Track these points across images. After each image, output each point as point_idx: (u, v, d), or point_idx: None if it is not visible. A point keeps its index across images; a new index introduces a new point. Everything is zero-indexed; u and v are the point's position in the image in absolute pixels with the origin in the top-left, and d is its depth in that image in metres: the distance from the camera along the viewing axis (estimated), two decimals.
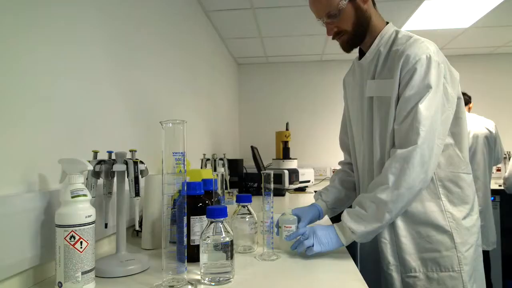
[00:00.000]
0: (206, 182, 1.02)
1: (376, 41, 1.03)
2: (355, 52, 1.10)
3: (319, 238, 0.90)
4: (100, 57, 1.08)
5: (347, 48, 1.06)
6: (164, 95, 1.63)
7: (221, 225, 0.76)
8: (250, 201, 1.01)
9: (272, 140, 3.36)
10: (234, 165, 2.36)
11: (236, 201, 1.01)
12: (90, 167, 0.73)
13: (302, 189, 2.68)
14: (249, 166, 2.55)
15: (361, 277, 0.76)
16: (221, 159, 1.73)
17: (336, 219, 1.14)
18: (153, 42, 1.51)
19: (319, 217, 1.14)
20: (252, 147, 2.42)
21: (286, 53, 3.50)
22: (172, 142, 0.71)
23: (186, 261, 0.72)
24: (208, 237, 0.75)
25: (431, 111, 0.90)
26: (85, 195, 0.72)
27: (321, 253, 0.89)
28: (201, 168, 1.80)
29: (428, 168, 0.89)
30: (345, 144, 1.28)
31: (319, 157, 3.67)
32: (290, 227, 0.99)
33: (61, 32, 0.89)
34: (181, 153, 0.71)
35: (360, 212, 0.91)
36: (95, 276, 0.77)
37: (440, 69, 0.93)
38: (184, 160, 0.72)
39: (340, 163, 1.32)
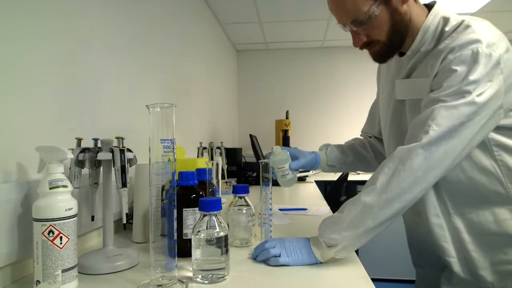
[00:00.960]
0: (200, 171, 0.96)
1: (417, 39, 0.83)
2: None
3: (287, 249, 0.76)
4: (87, 38, 1.00)
5: (380, 59, 0.88)
6: (157, 80, 1.56)
7: (214, 219, 0.70)
8: (247, 192, 0.95)
9: (272, 129, 3.30)
10: (233, 154, 2.29)
11: (233, 192, 0.95)
12: (70, 156, 0.67)
13: (302, 179, 2.62)
14: (248, 155, 2.49)
15: (366, 273, 0.70)
16: (218, 147, 1.66)
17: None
18: (147, 25, 1.43)
19: (314, 166, 1.06)
20: (251, 136, 2.35)
21: (286, 39, 3.40)
22: (160, 128, 0.65)
23: (176, 257, 0.66)
24: (199, 231, 0.69)
25: (456, 115, 0.70)
26: (65, 186, 0.65)
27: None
28: (198, 157, 1.74)
29: (435, 177, 0.73)
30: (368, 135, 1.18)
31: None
32: (284, 167, 0.92)
33: (42, 13, 0.82)
34: (170, 140, 0.65)
35: (338, 217, 0.76)
36: (79, 273, 0.72)
37: (494, 66, 0.71)
38: (173, 148, 0.65)
39: (362, 134, 1.20)
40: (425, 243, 0.90)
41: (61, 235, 0.63)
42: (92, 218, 0.85)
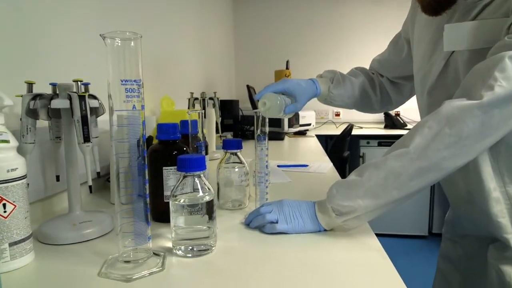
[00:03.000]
0: (184, 124, 0.83)
1: None
2: None
3: (286, 214, 0.65)
4: None
5: (431, 12, 0.69)
6: (143, 21, 1.36)
7: (197, 180, 0.58)
8: (240, 147, 0.82)
9: (271, 80, 3.11)
10: (229, 106, 2.15)
11: (223, 148, 0.82)
12: (9, 102, 0.52)
13: (302, 133, 2.50)
14: (246, 108, 2.34)
15: (380, 245, 0.59)
16: (211, 98, 1.51)
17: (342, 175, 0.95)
18: None
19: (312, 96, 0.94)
20: (248, 87, 2.18)
21: None
22: (122, 67, 0.50)
23: (150, 226, 0.55)
24: (176, 196, 0.56)
25: None
26: (5, 141, 0.52)
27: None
28: (188, 108, 1.59)
29: (485, 146, 0.57)
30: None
31: None
32: (280, 115, 0.86)
33: None
34: (135, 81, 0.50)
35: (354, 182, 0.61)
36: (41, 242, 0.61)
37: None
38: (140, 91, 0.51)
39: (373, 70, 1.04)
40: (478, 224, 0.76)
41: (4, 201, 0.51)
42: (57, 178, 0.73)
